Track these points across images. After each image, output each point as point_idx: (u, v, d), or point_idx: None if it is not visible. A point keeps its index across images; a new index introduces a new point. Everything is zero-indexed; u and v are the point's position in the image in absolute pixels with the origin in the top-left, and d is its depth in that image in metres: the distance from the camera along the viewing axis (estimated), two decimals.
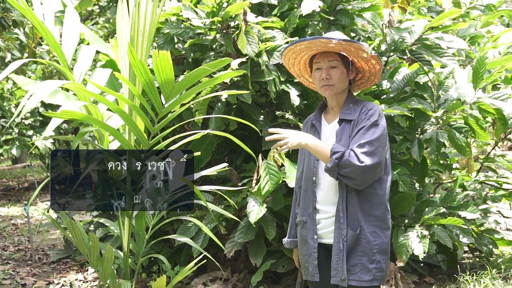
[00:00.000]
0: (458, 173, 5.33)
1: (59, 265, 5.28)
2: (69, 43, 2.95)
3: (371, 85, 2.78)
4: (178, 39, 4.27)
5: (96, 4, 13.01)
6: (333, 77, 2.56)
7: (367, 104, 2.58)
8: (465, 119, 4.01)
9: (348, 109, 2.58)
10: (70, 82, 2.66)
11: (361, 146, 2.43)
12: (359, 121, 2.52)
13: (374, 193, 2.52)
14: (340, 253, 2.49)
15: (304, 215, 2.66)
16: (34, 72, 9.78)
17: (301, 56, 2.68)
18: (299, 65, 2.74)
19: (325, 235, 2.60)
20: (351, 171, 2.41)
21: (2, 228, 6.79)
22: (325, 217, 2.59)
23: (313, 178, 2.62)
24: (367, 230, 2.50)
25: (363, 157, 2.41)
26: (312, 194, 2.62)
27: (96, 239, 2.77)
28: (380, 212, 2.53)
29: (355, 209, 2.49)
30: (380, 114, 2.53)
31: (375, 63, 2.63)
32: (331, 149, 2.44)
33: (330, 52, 2.57)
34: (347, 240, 2.49)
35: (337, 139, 2.53)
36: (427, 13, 4.48)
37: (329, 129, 2.64)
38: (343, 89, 2.62)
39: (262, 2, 4.17)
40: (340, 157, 2.41)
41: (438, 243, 4.07)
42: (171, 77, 2.57)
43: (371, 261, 2.49)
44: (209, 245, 4.01)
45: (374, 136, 2.45)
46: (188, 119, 3.91)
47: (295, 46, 2.61)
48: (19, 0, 2.68)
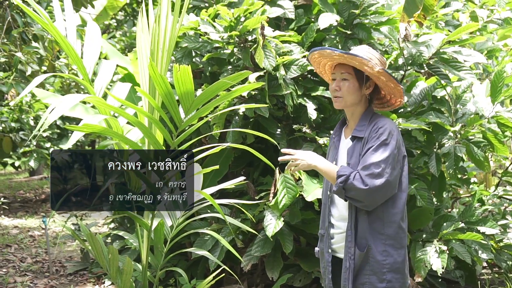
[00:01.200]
0: (476, 187, 5.28)
1: (76, 277, 5.30)
2: (90, 57, 2.99)
3: (397, 105, 2.66)
4: (196, 53, 4.30)
5: (113, 18, 13.15)
6: (342, 89, 2.52)
7: (379, 122, 2.50)
8: (483, 133, 3.99)
9: (361, 126, 2.53)
10: (91, 96, 2.70)
11: (366, 168, 2.39)
12: (369, 140, 2.47)
13: (386, 212, 2.47)
14: (347, 271, 2.49)
15: (322, 228, 2.67)
16: (53, 84, 9.89)
17: (322, 65, 2.68)
18: (327, 74, 2.73)
19: (338, 249, 2.60)
20: (356, 194, 2.39)
21: (19, 240, 6.84)
22: (338, 232, 2.59)
23: (327, 193, 2.63)
24: (376, 249, 2.46)
25: (367, 180, 2.37)
26: (328, 209, 2.63)
27: (116, 252, 2.79)
28: (393, 231, 2.48)
29: (364, 228, 2.47)
30: (391, 132, 2.45)
31: (386, 80, 2.52)
32: (337, 171, 2.44)
33: (345, 65, 2.55)
34: (355, 258, 2.48)
35: (348, 157, 2.52)
36: (445, 27, 4.48)
37: (344, 145, 2.63)
38: (353, 103, 2.55)
39: (279, 17, 4.20)
40: (344, 180, 2.39)
41: (456, 259, 4.03)
42: (191, 91, 2.59)
43: (381, 280, 2.45)
44: (225, 258, 4.01)
45: (382, 156, 2.40)
46: (206, 132, 3.93)
47: (312, 55, 2.62)
48: (42, 15, 2.72)
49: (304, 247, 4.34)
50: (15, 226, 7.79)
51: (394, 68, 4.02)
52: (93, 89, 2.94)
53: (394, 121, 3.74)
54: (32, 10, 2.72)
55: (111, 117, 2.80)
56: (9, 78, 6.67)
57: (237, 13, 3.87)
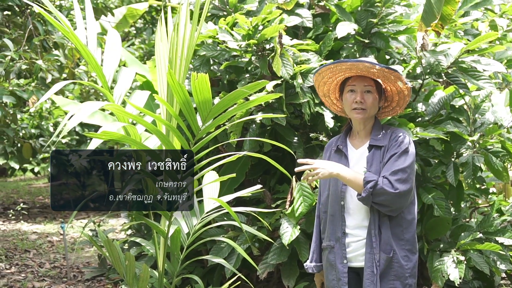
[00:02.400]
0: (495, 197, 5.23)
1: (93, 283, 5.34)
2: (110, 65, 3.03)
3: (394, 115, 2.83)
4: (214, 61, 4.33)
5: (133, 26, 13.28)
6: (367, 102, 2.59)
7: (397, 131, 2.61)
8: (502, 143, 3.96)
9: (377, 135, 2.62)
10: (110, 103, 2.73)
11: (395, 173, 2.46)
12: (389, 148, 2.55)
13: (404, 218, 2.55)
14: (374, 277, 2.49)
15: (331, 239, 2.65)
16: (72, 92, 10.01)
17: (337, 76, 2.70)
18: (330, 85, 2.76)
19: (354, 258, 2.60)
20: (386, 198, 2.44)
21: (38, 245, 6.91)
22: (355, 241, 2.60)
23: (341, 203, 2.63)
24: (399, 254, 2.51)
25: (397, 184, 2.44)
26: (341, 219, 2.62)
27: (133, 258, 2.81)
28: (411, 236, 2.56)
29: (387, 233, 2.51)
30: (410, 141, 2.57)
31: (407, 94, 2.66)
32: (364, 178, 2.46)
33: (367, 77, 2.59)
34: (380, 264, 2.49)
35: (368, 165, 2.55)
36: (464, 36, 4.46)
37: (357, 155, 2.65)
38: (372, 115, 2.65)
39: (297, 25, 4.21)
40: (374, 185, 2.43)
41: (474, 269, 3.99)
42: (209, 99, 2.62)
43: (404, 285, 2.51)
44: (241, 266, 4.01)
45: (406, 163, 2.49)
46: (223, 140, 3.94)
47: (336, 66, 2.63)
48: (63, 23, 2.77)
49: None
50: (34, 231, 7.87)
51: (412, 77, 4.01)
52: (112, 97, 2.98)
53: (412, 130, 3.74)
54: (53, 18, 2.77)
55: (130, 125, 2.84)
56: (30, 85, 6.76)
57: (255, 22, 3.89)
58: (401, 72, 2.63)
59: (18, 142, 8.95)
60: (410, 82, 2.59)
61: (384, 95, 2.66)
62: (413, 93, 4.16)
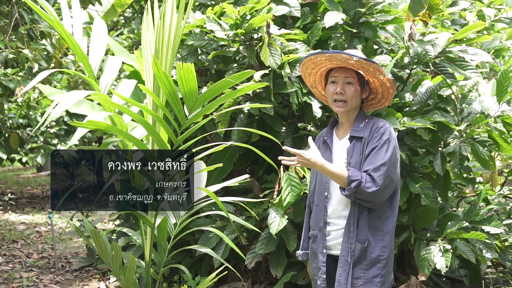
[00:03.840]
0: (481, 187, 5.27)
1: (81, 273, 5.33)
2: (96, 54, 3.01)
3: (381, 107, 2.82)
4: (202, 51, 4.31)
5: (121, 15, 13.18)
6: (348, 93, 2.60)
7: (378, 122, 2.61)
8: (489, 133, 3.98)
9: (358, 126, 2.63)
10: (95, 92, 2.71)
11: (377, 169, 2.48)
12: (370, 140, 2.56)
13: (385, 208, 2.57)
14: (347, 266, 2.54)
15: (315, 229, 2.71)
16: (60, 81, 9.93)
17: (320, 67, 2.70)
18: (315, 76, 2.77)
19: (334, 246, 2.65)
20: (370, 195, 2.46)
21: (26, 236, 6.87)
22: (335, 229, 2.65)
23: (325, 193, 2.67)
24: (375, 245, 2.54)
25: (380, 181, 2.47)
26: (324, 209, 2.66)
27: (119, 249, 2.81)
28: (391, 227, 2.59)
29: (364, 224, 2.55)
30: (391, 132, 2.58)
31: (390, 86, 2.66)
32: (347, 176, 2.48)
33: (348, 69, 2.61)
34: (354, 254, 2.52)
35: (348, 157, 2.58)
36: (451, 26, 4.46)
37: (339, 145, 2.67)
38: (355, 107, 2.65)
39: (285, 15, 4.19)
40: (357, 185, 2.45)
41: (460, 258, 4.02)
42: (195, 89, 2.61)
43: (375, 275, 2.55)
44: (229, 256, 4.02)
45: (387, 156, 2.51)
46: (211, 130, 3.93)
47: (316, 57, 2.64)
48: (49, 12, 2.74)
49: None
50: (22, 222, 7.83)
51: (400, 67, 4.02)
52: (98, 86, 2.96)
53: (399, 119, 3.75)
54: (39, 7, 2.74)
55: (116, 115, 2.82)
56: (17, 75, 6.70)
57: (243, 11, 3.88)
58: (379, 64, 2.60)
59: (5, 132, 8.88)
60: (390, 74, 2.57)
61: (367, 87, 2.67)
62: (401, 82, 4.17)
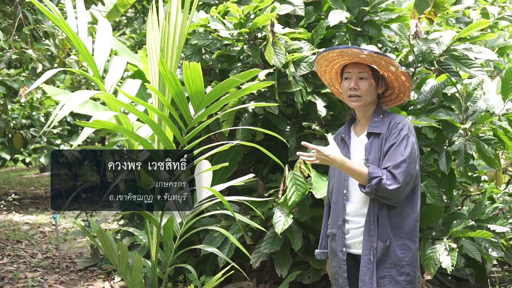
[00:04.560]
0: (486, 185, 5.26)
1: (86, 273, 5.33)
2: (101, 53, 3.01)
3: (400, 103, 2.76)
4: (206, 50, 4.31)
5: (124, 15, 13.18)
6: (361, 88, 2.57)
7: (396, 117, 2.58)
8: (494, 131, 3.97)
9: (376, 122, 2.59)
10: (101, 92, 2.71)
11: (398, 166, 2.44)
12: (388, 136, 2.53)
13: (405, 206, 2.53)
14: (371, 265, 2.50)
15: (334, 227, 2.67)
16: (63, 81, 9.94)
17: (333, 64, 2.68)
18: (330, 74, 2.75)
19: (353, 245, 2.61)
20: (390, 192, 2.43)
21: (30, 236, 6.88)
22: (354, 228, 2.60)
23: (343, 191, 2.63)
24: (396, 243, 2.51)
25: (400, 177, 2.43)
26: (342, 207, 2.62)
27: (125, 248, 2.81)
28: (411, 224, 2.54)
29: (385, 222, 2.51)
30: (410, 127, 2.54)
31: (405, 79, 2.62)
32: (368, 173, 2.45)
33: (362, 64, 2.58)
34: (377, 252, 2.49)
35: (366, 153, 2.54)
36: (455, 24, 4.45)
37: (357, 142, 2.65)
38: (370, 102, 2.62)
39: (289, 14, 4.19)
40: (378, 182, 2.42)
41: (466, 256, 4.01)
42: (201, 88, 2.60)
43: (400, 274, 2.50)
44: (234, 255, 4.02)
45: (407, 152, 2.47)
46: (215, 129, 3.93)
47: (328, 53, 2.62)
48: (54, 12, 2.74)
49: (313, 244, 4.33)
50: (26, 222, 7.84)
51: (404, 65, 4.00)
52: (104, 86, 2.96)
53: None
54: (44, 6, 2.74)
55: (121, 114, 2.82)
56: (21, 75, 6.70)
57: (247, 10, 3.87)
58: (390, 56, 2.56)
59: (9, 132, 8.89)
60: (403, 67, 2.54)
61: (383, 81, 2.63)
62: None
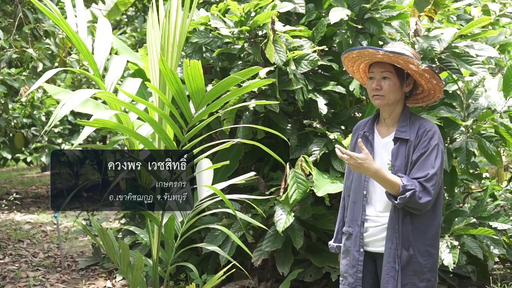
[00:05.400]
0: (488, 182, 5.25)
1: (87, 272, 5.33)
2: (101, 52, 3.00)
3: (434, 100, 2.68)
4: (206, 48, 4.30)
5: (124, 14, 13.18)
6: (384, 88, 2.50)
7: (425, 123, 2.52)
8: (496, 128, 3.96)
9: (403, 127, 2.53)
10: (102, 91, 2.71)
11: (430, 179, 2.40)
12: (418, 145, 2.48)
13: (428, 214, 2.49)
14: (395, 273, 2.46)
15: (351, 226, 2.62)
16: (64, 81, 9.94)
17: (358, 64, 2.65)
18: (359, 73, 2.70)
19: (371, 243, 2.57)
20: (422, 205, 2.40)
21: (32, 235, 6.88)
22: (374, 226, 2.56)
23: (363, 192, 2.58)
24: (418, 250, 2.48)
25: (432, 190, 2.40)
26: (362, 208, 2.58)
27: (127, 247, 2.80)
28: (434, 231, 2.51)
29: (408, 230, 2.47)
30: (439, 135, 2.50)
31: (429, 77, 2.53)
32: (402, 185, 2.40)
33: (385, 63, 2.54)
34: (401, 261, 2.46)
35: (393, 159, 2.49)
36: (456, 21, 4.44)
37: (382, 144, 2.58)
38: (394, 101, 2.54)
39: (290, 11, 4.18)
40: (412, 195, 2.38)
41: (468, 254, 4.01)
42: (202, 86, 2.60)
43: (421, 280, 2.47)
44: (236, 253, 4.02)
45: (437, 164, 2.43)
46: (216, 128, 3.93)
47: (348, 54, 2.58)
48: (53, 11, 2.73)
49: (314, 242, 4.33)
50: (27, 221, 7.84)
51: None
52: (104, 85, 2.95)
53: None
54: (44, 5, 2.73)
55: (122, 113, 2.81)
56: (21, 75, 6.70)
57: (248, 8, 3.87)
58: (410, 55, 2.47)
59: (10, 132, 8.89)
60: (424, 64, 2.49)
61: (410, 79, 2.56)
62: None
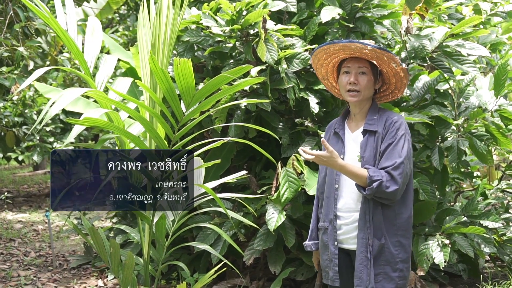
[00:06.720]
0: (479, 181, 5.27)
1: (79, 271, 5.31)
2: (91, 51, 2.99)
3: (393, 99, 2.77)
4: (198, 47, 4.29)
5: (116, 12, 13.13)
6: (361, 83, 2.56)
7: (392, 116, 2.58)
8: (487, 127, 3.98)
9: (372, 120, 2.59)
10: (92, 89, 2.69)
11: (396, 168, 2.45)
12: (385, 135, 2.53)
13: (398, 203, 2.54)
14: (368, 262, 2.51)
15: (325, 221, 2.68)
16: (55, 79, 9.90)
17: (332, 58, 2.67)
18: (327, 67, 2.73)
19: (345, 240, 2.63)
20: (389, 194, 2.44)
21: (23, 234, 6.85)
22: (346, 223, 2.61)
23: (335, 185, 2.63)
24: (389, 240, 2.52)
25: (399, 179, 2.44)
26: (334, 201, 2.63)
27: (117, 246, 2.79)
28: (404, 222, 2.56)
29: (379, 220, 2.52)
30: (406, 126, 2.55)
31: (403, 76, 2.62)
32: (368, 176, 2.45)
33: (361, 59, 2.57)
34: (373, 250, 2.50)
35: (362, 151, 2.55)
36: (448, 20, 4.46)
37: (352, 137, 2.64)
38: (368, 97, 2.62)
39: (281, 10, 4.18)
40: (379, 185, 2.42)
41: (459, 252, 4.03)
42: (192, 85, 2.59)
43: (394, 270, 2.52)
44: (227, 252, 4.02)
45: (404, 153, 2.48)
46: (208, 126, 3.92)
47: (329, 46, 2.61)
48: (43, 9, 2.72)
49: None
50: (19, 220, 7.81)
51: None
52: (94, 83, 2.94)
53: None
54: (33, 4, 2.72)
55: (112, 111, 2.80)
56: (12, 73, 6.67)
57: (239, 7, 3.86)
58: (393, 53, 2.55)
59: (1, 130, 8.85)
60: (404, 64, 2.54)
61: (381, 77, 2.63)
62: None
